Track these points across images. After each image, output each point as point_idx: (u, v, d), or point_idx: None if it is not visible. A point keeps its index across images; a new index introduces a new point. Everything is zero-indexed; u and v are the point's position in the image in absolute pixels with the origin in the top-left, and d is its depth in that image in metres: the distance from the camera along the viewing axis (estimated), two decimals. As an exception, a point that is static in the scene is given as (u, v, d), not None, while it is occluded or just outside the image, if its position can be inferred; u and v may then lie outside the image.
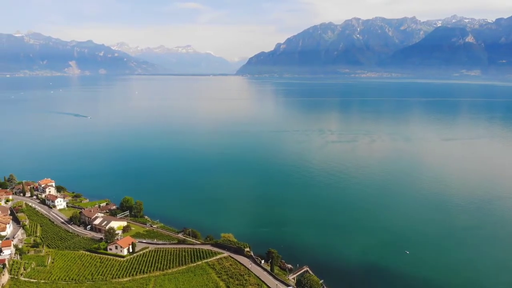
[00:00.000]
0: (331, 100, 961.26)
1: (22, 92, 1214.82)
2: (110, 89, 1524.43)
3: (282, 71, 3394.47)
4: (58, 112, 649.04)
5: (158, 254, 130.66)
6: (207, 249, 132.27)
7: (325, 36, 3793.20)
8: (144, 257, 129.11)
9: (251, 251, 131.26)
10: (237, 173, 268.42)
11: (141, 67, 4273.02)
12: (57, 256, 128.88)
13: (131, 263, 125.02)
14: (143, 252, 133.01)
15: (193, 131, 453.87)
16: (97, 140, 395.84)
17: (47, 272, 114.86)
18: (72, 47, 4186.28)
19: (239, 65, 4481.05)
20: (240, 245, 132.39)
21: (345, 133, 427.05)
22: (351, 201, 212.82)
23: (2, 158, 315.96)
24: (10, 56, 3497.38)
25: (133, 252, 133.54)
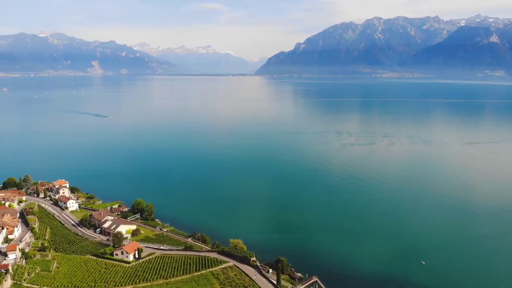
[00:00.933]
0: (351, 101, 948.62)
1: (46, 92, 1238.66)
2: (131, 89, 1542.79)
3: (301, 71, 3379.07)
4: (79, 112, 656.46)
5: (163, 261, 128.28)
6: (213, 257, 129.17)
7: (345, 36, 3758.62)
8: (149, 263, 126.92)
9: (257, 261, 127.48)
10: (251, 176, 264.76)
11: (162, 67, 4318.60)
12: (63, 260, 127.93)
13: (135, 270, 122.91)
14: (149, 258, 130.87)
15: (209, 131, 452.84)
16: (115, 141, 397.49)
17: (51, 277, 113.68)
18: (94, 47, 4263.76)
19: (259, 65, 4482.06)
20: (246, 254, 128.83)
21: (363, 135, 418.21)
22: (367, 207, 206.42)
23: (20, 158, 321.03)
24: (34, 56, 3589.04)
25: (139, 258, 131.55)
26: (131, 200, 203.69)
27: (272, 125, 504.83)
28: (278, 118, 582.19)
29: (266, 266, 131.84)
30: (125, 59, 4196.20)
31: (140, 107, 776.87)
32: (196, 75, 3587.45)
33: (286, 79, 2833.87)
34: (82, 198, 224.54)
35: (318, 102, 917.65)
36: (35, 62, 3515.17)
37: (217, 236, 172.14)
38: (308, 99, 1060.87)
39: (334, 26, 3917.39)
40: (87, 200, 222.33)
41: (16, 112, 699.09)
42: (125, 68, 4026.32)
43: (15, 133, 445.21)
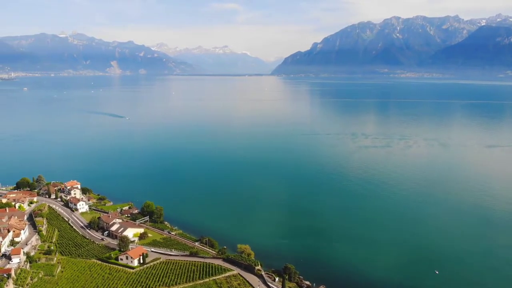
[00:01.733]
0: (367, 102, 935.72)
1: (65, 92, 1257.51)
2: (149, 89, 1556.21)
3: (318, 71, 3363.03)
4: (97, 112, 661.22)
5: (168, 267, 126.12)
6: (217, 265, 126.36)
7: (363, 35, 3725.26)
8: (153, 269, 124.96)
9: (262, 270, 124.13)
10: (263, 178, 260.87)
11: (180, 67, 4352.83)
12: (68, 264, 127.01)
13: (139, 276, 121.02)
14: (154, 264, 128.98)
15: (223, 132, 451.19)
16: (131, 142, 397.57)
17: (54, 282, 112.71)
18: (113, 47, 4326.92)
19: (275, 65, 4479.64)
20: (251, 262, 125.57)
21: (379, 138, 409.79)
22: (381, 212, 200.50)
23: (34, 158, 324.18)
24: (55, 56, 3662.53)
25: (143, 263, 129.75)
26: (142, 202, 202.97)
27: (286, 126, 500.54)
28: (292, 119, 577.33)
29: (273, 274, 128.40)
30: (143, 59, 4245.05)
31: (157, 108, 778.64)
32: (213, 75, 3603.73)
33: (302, 79, 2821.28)
34: (93, 199, 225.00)
35: (334, 103, 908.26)
36: (56, 62, 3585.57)
37: (225, 240, 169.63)
38: (324, 99, 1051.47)
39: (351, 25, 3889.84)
40: (98, 201, 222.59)
41: (34, 111, 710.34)
42: (143, 68, 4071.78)
43: (31, 132, 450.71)
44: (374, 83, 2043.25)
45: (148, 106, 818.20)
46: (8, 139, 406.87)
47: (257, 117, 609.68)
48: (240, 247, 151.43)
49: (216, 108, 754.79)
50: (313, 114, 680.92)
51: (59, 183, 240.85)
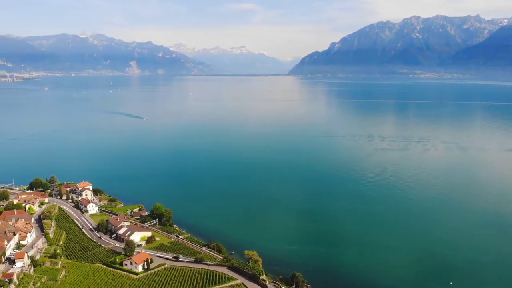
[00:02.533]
0: (385, 103, 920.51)
1: (84, 92, 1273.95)
2: (167, 89, 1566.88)
3: (336, 71, 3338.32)
4: (115, 112, 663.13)
5: (171, 274, 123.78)
6: (221, 273, 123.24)
7: (382, 35, 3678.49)
8: (157, 276, 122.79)
9: (266, 280, 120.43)
10: (275, 182, 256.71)
11: (197, 67, 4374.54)
12: (72, 269, 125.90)
13: (142, 282, 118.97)
14: (158, 270, 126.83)
15: (237, 133, 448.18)
16: (147, 143, 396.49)
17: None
18: (133, 48, 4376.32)
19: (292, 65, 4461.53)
20: (256, 271, 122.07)
21: (396, 140, 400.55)
22: (395, 219, 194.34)
23: (49, 158, 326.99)
24: (75, 56, 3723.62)
25: (148, 269, 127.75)
26: (153, 204, 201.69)
27: (301, 127, 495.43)
28: (307, 120, 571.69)
29: (280, 283, 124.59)
30: (161, 60, 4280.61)
31: (174, 108, 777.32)
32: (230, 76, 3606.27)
33: (319, 79, 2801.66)
34: (104, 200, 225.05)
35: (351, 104, 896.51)
36: (76, 62, 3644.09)
37: (234, 245, 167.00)
38: (341, 100, 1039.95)
39: (370, 25, 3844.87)
40: (109, 202, 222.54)
41: (53, 111, 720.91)
42: (161, 68, 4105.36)
43: (48, 132, 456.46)
44: (393, 83, 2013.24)
45: (166, 107, 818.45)
46: (25, 139, 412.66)
47: (272, 118, 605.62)
48: (247, 254, 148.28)
49: (232, 109, 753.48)
50: (329, 115, 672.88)
51: (72, 184, 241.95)
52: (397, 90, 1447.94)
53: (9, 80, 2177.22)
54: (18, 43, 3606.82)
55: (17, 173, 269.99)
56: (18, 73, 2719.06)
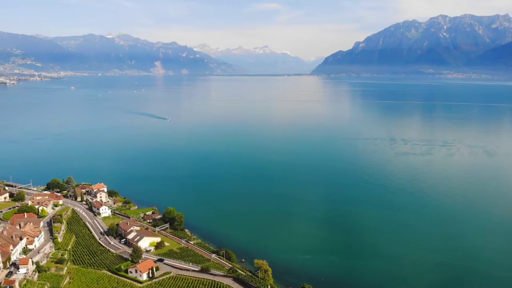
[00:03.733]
0: (410, 104, 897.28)
1: (110, 91, 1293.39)
2: (190, 89, 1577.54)
3: (360, 70, 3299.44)
4: (139, 112, 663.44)
5: (176, 283, 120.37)
6: (226, 285, 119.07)
7: (408, 34, 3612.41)
8: (161, 285, 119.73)
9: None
10: (292, 186, 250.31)
11: (220, 67, 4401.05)
12: (77, 275, 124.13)
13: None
14: (162, 279, 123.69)
15: (256, 135, 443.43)
16: (168, 144, 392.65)
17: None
18: (158, 48, 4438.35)
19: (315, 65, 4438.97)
20: (262, 285, 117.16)
21: (419, 144, 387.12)
22: (415, 227, 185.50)
23: (68, 158, 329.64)
24: (102, 56, 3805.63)
25: (152, 277, 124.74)
26: (166, 207, 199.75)
27: (321, 129, 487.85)
28: (329, 122, 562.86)
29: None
30: (185, 60, 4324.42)
31: (196, 109, 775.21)
32: (252, 75, 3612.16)
33: (343, 79, 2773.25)
34: (119, 202, 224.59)
35: (374, 105, 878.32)
36: (103, 61, 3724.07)
37: (244, 252, 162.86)
38: (364, 101, 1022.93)
39: (396, 24, 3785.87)
40: (124, 205, 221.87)
41: (78, 111, 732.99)
42: (185, 68, 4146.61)
43: (71, 132, 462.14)
44: (418, 83, 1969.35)
45: (189, 107, 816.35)
46: (48, 138, 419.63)
47: (292, 119, 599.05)
48: (257, 263, 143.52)
49: (252, 109, 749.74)
50: (351, 116, 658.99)
51: (88, 185, 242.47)
52: (423, 91, 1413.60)
53: (38, 79, 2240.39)
54: (47, 43, 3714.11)
55: (36, 173, 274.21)
56: (46, 73, 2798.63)
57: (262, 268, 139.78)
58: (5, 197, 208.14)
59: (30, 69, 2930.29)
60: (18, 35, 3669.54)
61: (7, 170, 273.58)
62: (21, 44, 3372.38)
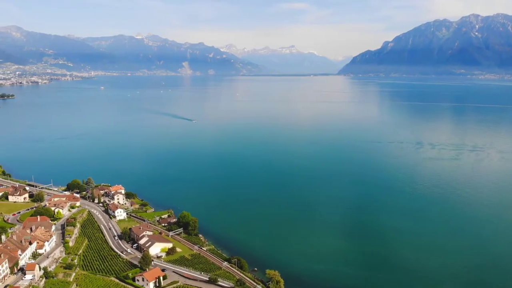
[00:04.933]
0: (440, 106, 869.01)
1: (138, 91, 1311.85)
2: (216, 89, 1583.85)
3: (388, 70, 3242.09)
4: (164, 113, 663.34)
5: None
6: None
7: (438, 34, 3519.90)
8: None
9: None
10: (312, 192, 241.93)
11: (246, 68, 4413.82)
12: (84, 282, 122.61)
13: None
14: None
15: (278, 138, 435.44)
16: (191, 146, 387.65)
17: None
18: (185, 49, 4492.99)
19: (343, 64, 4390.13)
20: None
21: (447, 148, 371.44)
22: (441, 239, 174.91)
23: (90, 158, 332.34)
24: (131, 56, 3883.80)
25: (159, 286, 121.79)
26: (182, 210, 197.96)
27: (344, 131, 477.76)
28: (353, 124, 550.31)
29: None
30: (212, 60, 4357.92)
31: (222, 110, 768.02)
32: (278, 76, 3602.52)
33: (371, 79, 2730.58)
34: (136, 205, 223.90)
35: (402, 107, 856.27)
36: (132, 62, 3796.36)
37: (257, 260, 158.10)
38: (392, 102, 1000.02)
39: (426, 23, 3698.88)
40: (140, 207, 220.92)
41: (105, 111, 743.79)
42: (212, 68, 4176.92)
43: (95, 132, 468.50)
44: (449, 84, 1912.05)
45: (214, 108, 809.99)
46: (72, 138, 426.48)
47: (317, 121, 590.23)
48: (268, 273, 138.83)
49: (276, 110, 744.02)
50: (377, 118, 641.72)
51: (107, 187, 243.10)
52: (454, 92, 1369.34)
53: (69, 79, 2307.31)
54: (78, 44, 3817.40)
55: (57, 173, 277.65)
56: (77, 72, 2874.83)
57: (274, 279, 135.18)
58: (25, 198, 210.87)
59: (62, 68, 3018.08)
60: (51, 35, 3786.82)
61: (30, 170, 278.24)
62: (54, 45, 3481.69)
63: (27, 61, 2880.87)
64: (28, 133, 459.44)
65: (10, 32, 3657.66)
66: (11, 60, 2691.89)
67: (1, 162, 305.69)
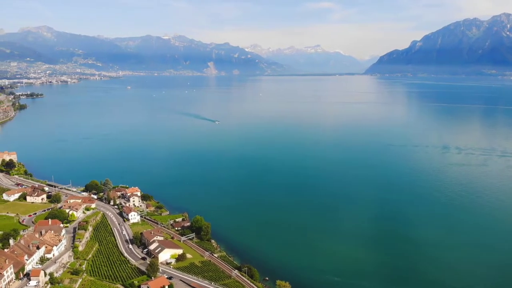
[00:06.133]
0: (469, 107, 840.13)
1: (164, 91, 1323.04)
2: (240, 90, 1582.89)
3: (416, 70, 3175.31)
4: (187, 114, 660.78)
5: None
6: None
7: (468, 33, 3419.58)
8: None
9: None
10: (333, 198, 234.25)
11: (271, 67, 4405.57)
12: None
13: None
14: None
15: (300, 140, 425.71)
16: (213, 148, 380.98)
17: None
18: (211, 49, 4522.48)
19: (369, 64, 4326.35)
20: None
21: (475, 153, 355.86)
22: (469, 252, 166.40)
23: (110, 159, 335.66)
24: (158, 56, 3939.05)
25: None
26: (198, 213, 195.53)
27: (367, 134, 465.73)
28: (377, 126, 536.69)
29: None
30: (237, 60, 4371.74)
31: (244, 111, 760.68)
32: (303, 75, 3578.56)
33: (398, 79, 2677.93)
34: (151, 207, 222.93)
35: (429, 108, 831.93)
36: (159, 62, 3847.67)
37: (269, 269, 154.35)
38: (419, 103, 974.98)
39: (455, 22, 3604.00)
40: (156, 209, 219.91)
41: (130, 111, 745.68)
42: (237, 68, 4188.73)
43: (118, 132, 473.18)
44: (479, 85, 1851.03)
45: (237, 109, 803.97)
46: (96, 138, 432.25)
47: (340, 123, 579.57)
48: (279, 285, 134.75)
49: (299, 111, 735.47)
50: (402, 120, 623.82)
51: (124, 188, 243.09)
52: (484, 93, 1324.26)
53: (97, 78, 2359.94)
54: (107, 44, 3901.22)
55: (77, 173, 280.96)
56: (106, 72, 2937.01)
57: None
58: (42, 198, 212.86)
59: (91, 68, 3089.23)
60: (81, 35, 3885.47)
61: (51, 169, 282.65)
62: (83, 45, 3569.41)
63: (57, 61, 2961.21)
64: (54, 132, 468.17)
65: (41, 32, 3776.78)
66: (42, 60, 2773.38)
67: (25, 161, 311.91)
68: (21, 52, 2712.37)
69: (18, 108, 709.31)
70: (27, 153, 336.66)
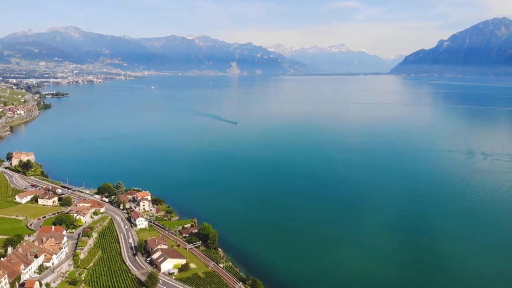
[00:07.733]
0: (497, 110, 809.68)
1: (186, 92, 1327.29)
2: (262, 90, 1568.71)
3: (443, 70, 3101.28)
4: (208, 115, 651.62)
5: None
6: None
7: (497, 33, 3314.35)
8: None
9: None
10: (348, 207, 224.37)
11: (294, 67, 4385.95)
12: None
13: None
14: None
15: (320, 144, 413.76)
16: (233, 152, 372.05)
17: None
18: (234, 49, 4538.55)
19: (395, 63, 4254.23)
20: None
21: (501, 159, 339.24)
22: (496, 268, 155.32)
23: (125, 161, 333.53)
24: (182, 56, 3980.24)
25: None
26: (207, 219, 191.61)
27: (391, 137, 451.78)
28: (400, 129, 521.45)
29: None
30: (260, 60, 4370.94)
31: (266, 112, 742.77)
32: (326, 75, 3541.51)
33: (424, 79, 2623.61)
34: (161, 212, 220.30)
35: (455, 110, 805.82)
36: (183, 62, 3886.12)
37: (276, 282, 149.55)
38: (445, 105, 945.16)
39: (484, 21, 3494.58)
40: (165, 214, 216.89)
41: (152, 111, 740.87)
42: (259, 68, 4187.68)
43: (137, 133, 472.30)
44: (509, 86, 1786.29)
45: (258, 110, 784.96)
46: (114, 139, 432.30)
47: (362, 125, 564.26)
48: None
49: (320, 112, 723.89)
50: (426, 123, 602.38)
51: (136, 191, 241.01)
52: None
53: (123, 78, 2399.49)
54: (133, 44, 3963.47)
55: (91, 174, 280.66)
56: (131, 72, 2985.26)
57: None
58: (54, 201, 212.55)
59: (117, 68, 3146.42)
60: (107, 36, 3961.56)
61: (66, 171, 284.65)
62: (110, 45, 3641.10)
63: (84, 61, 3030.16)
64: (73, 132, 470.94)
65: (69, 32, 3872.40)
66: (69, 60, 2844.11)
67: (43, 161, 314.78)
68: (49, 51, 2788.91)
69: (42, 107, 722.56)
70: (45, 154, 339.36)
